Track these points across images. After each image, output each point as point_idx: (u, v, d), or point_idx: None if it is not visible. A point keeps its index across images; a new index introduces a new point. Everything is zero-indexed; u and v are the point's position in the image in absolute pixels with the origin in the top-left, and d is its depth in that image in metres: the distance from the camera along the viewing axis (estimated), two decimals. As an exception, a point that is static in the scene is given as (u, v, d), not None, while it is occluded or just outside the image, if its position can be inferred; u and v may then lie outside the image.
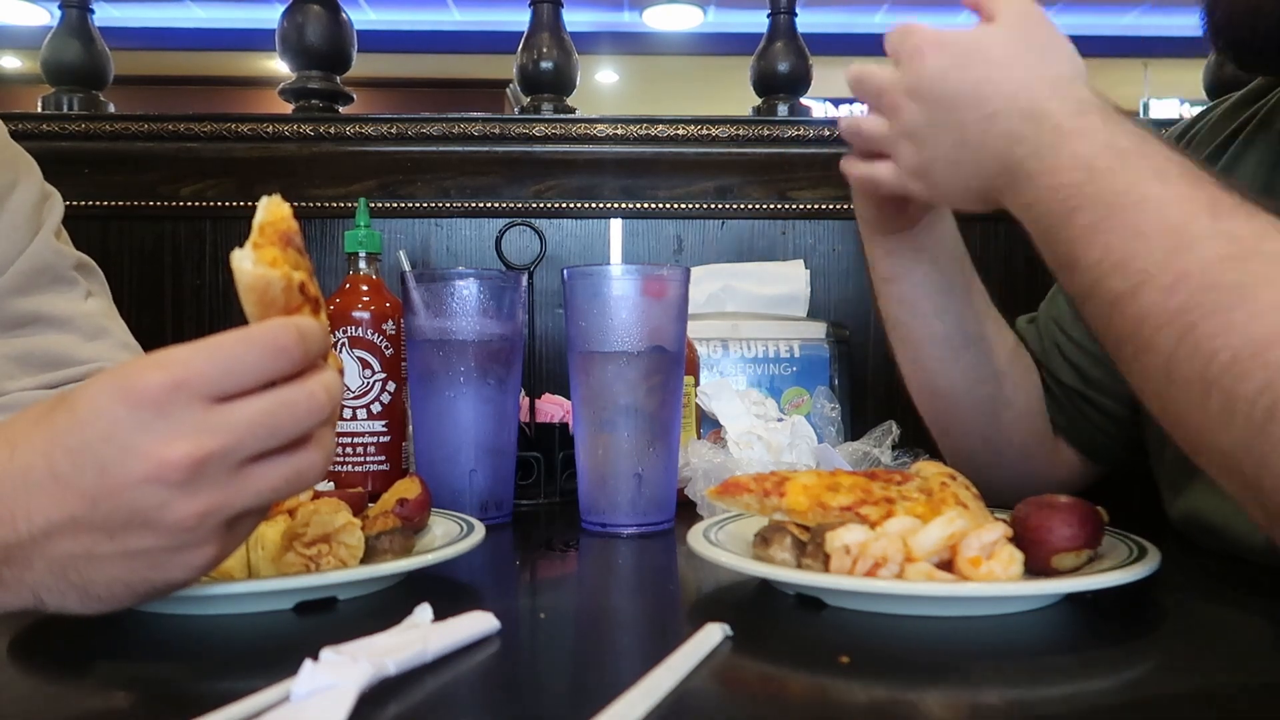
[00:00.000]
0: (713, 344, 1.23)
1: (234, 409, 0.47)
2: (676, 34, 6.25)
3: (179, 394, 0.46)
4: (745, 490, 0.64)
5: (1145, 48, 6.55)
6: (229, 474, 0.48)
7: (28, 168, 0.93)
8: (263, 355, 0.48)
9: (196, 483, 0.47)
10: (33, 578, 0.48)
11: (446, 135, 1.42)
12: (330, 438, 0.52)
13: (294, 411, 0.49)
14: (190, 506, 0.47)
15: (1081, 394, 0.95)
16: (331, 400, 0.50)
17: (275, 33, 1.46)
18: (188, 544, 0.48)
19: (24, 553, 0.48)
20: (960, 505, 0.61)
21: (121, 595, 0.50)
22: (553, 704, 0.48)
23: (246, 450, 0.48)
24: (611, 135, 1.43)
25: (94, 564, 0.48)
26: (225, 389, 0.47)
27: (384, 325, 0.99)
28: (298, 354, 0.49)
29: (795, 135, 1.43)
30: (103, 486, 0.46)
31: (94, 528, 0.47)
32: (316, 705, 0.42)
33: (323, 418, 0.50)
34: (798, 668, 0.53)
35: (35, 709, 0.48)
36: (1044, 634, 0.56)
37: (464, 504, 0.88)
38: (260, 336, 0.48)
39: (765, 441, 0.98)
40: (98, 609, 0.50)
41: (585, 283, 0.86)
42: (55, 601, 0.49)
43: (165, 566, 0.49)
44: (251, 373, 0.48)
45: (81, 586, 0.49)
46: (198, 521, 0.47)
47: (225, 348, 0.48)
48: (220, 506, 0.48)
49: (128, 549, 0.48)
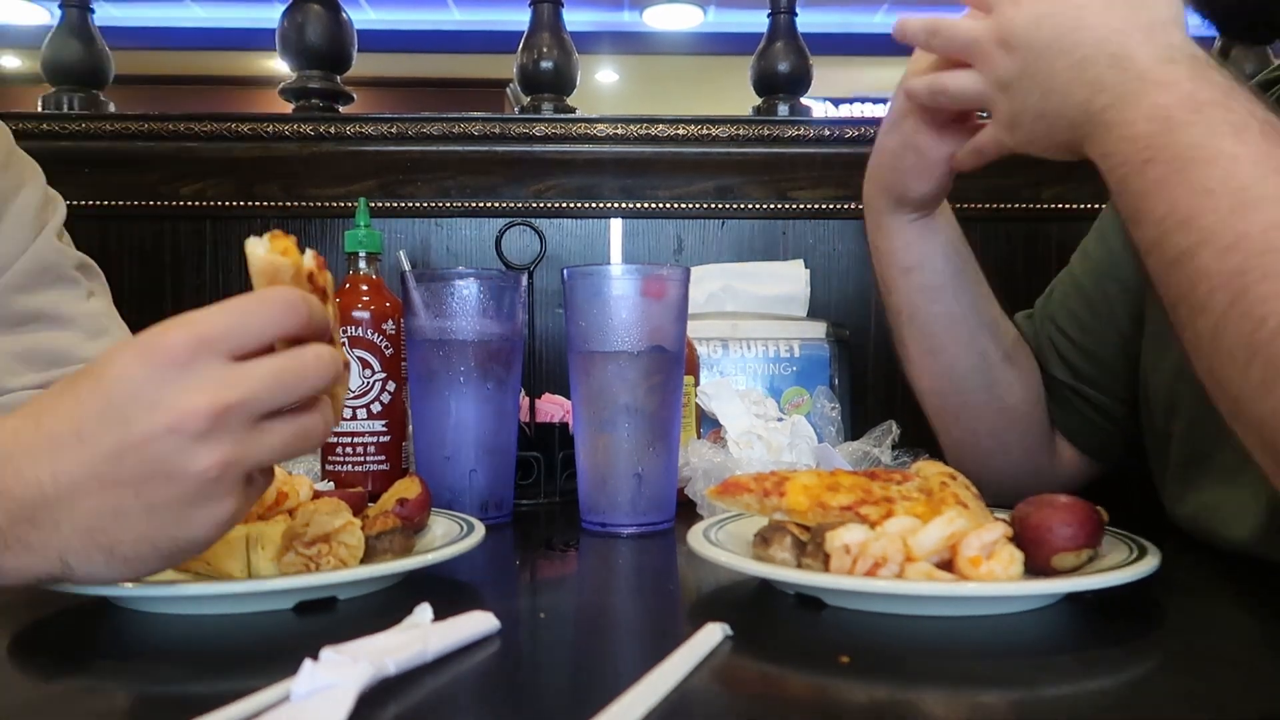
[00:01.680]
0: (713, 344, 1.23)
1: (252, 365, 0.50)
2: (676, 34, 6.25)
3: (201, 350, 0.49)
4: (745, 490, 0.64)
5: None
6: (245, 427, 0.50)
7: (33, 172, 0.95)
8: (274, 311, 0.51)
9: (216, 433, 0.49)
10: (59, 541, 0.50)
11: (446, 135, 1.42)
12: (330, 409, 0.55)
13: (304, 370, 0.51)
14: (211, 456, 0.49)
15: (1075, 390, 0.95)
16: (335, 365, 0.53)
17: (275, 32, 1.46)
18: (209, 497, 0.50)
19: (50, 514, 0.49)
20: (960, 505, 0.61)
21: (148, 555, 0.51)
22: (553, 704, 0.48)
23: (263, 404, 0.50)
24: (611, 135, 1.43)
25: (120, 521, 0.49)
26: (243, 345, 0.50)
27: (384, 325, 0.99)
28: (304, 312, 0.52)
29: (795, 135, 1.43)
30: (126, 441, 0.48)
31: (119, 483, 0.49)
32: (316, 705, 0.42)
33: (329, 378, 0.53)
34: (798, 668, 0.53)
35: (35, 709, 0.48)
36: (1044, 634, 0.56)
37: (464, 504, 0.88)
38: (271, 294, 0.52)
39: (765, 441, 0.98)
40: (124, 573, 0.51)
41: (585, 282, 0.86)
42: (82, 566, 0.50)
43: (189, 522, 0.50)
44: (266, 328, 0.51)
45: (108, 547, 0.50)
46: (219, 472, 0.49)
47: (240, 305, 0.51)
48: (239, 458, 0.50)
49: (152, 503, 0.49)
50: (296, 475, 0.67)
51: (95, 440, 0.49)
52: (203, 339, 0.49)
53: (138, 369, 0.49)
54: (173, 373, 0.49)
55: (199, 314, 0.50)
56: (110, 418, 0.49)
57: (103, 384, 0.49)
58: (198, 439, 0.48)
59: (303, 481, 0.67)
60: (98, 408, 0.49)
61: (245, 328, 0.50)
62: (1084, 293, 0.96)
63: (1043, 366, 0.96)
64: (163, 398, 0.48)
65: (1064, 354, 0.96)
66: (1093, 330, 0.95)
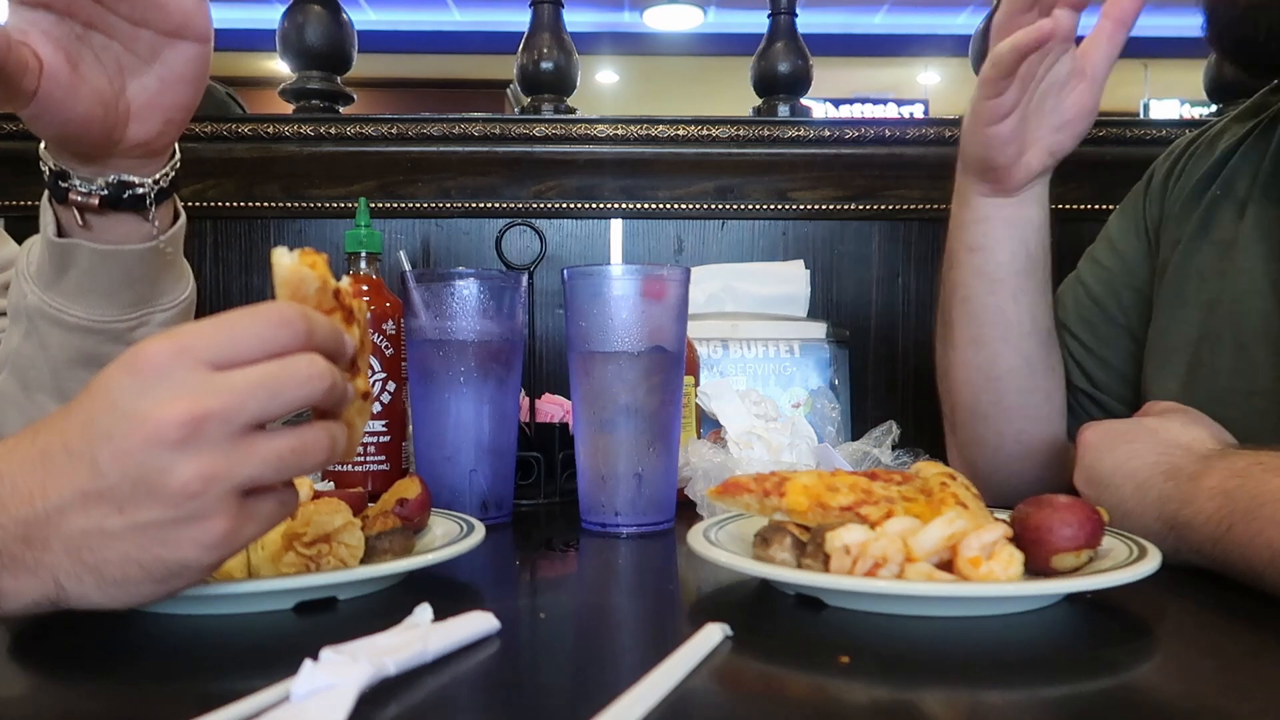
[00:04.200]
0: (713, 344, 1.23)
1: (234, 373, 0.48)
2: (677, 34, 6.25)
3: (180, 359, 0.48)
4: (745, 490, 0.64)
5: (1145, 48, 6.54)
6: (230, 439, 0.48)
7: None
8: (264, 325, 0.49)
9: (195, 443, 0.47)
10: (52, 560, 0.49)
11: (446, 135, 1.42)
12: (344, 432, 0.53)
13: (295, 376, 0.49)
14: (190, 469, 0.47)
15: (1090, 395, 0.96)
16: (332, 377, 0.50)
17: (275, 33, 1.46)
18: (194, 515, 0.48)
19: (41, 531, 0.48)
20: (960, 505, 0.61)
21: (136, 578, 0.49)
22: (553, 704, 0.48)
23: (247, 413, 0.48)
24: (612, 135, 1.43)
25: (105, 541, 0.48)
26: (227, 356, 0.48)
27: (384, 325, 0.99)
28: (301, 328, 0.49)
29: (795, 135, 1.43)
30: (108, 454, 0.47)
31: (102, 499, 0.48)
32: (316, 705, 0.42)
33: (323, 389, 0.50)
34: (798, 668, 0.53)
35: (35, 709, 0.48)
36: (1044, 634, 0.56)
37: (464, 504, 0.88)
38: (265, 310, 0.50)
39: (765, 441, 0.98)
40: (116, 598, 0.50)
41: (585, 283, 0.86)
42: (75, 588, 0.49)
43: (175, 542, 0.48)
44: (253, 341, 0.49)
45: (96, 568, 0.49)
46: (201, 486, 0.47)
47: (229, 319, 0.49)
48: (222, 472, 0.48)
49: (136, 522, 0.48)
50: (296, 475, 0.67)
51: (80, 455, 0.48)
52: (184, 348, 0.48)
53: (118, 380, 0.48)
54: (149, 381, 0.47)
55: (188, 325, 0.50)
56: (92, 431, 0.48)
57: (87, 397, 0.49)
58: (175, 449, 0.47)
59: (303, 481, 0.67)
60: (82, 421, 0.48)
61: (231, 339, 0.49)
62: (1098, 301, 0.98)
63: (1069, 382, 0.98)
64: (138, 406, 0.47)
65: (1080, 361, 0.97)
66: (1108, 339, 0.97)
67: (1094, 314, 0.98)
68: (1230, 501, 0.63)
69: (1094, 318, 0.98)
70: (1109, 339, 0.97)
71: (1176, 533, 0.66)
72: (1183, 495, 0.67)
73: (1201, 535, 0.65)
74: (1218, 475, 0.66)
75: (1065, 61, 0.84)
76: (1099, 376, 0.96)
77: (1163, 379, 0.88)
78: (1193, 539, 0.65)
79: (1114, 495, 0.71)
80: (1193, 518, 0.66)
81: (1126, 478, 0.72)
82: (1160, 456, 0.71)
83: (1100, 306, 0.98)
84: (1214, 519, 0.64)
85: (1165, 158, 1.00)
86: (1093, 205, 1.42)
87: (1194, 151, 0.96)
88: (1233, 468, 0.65)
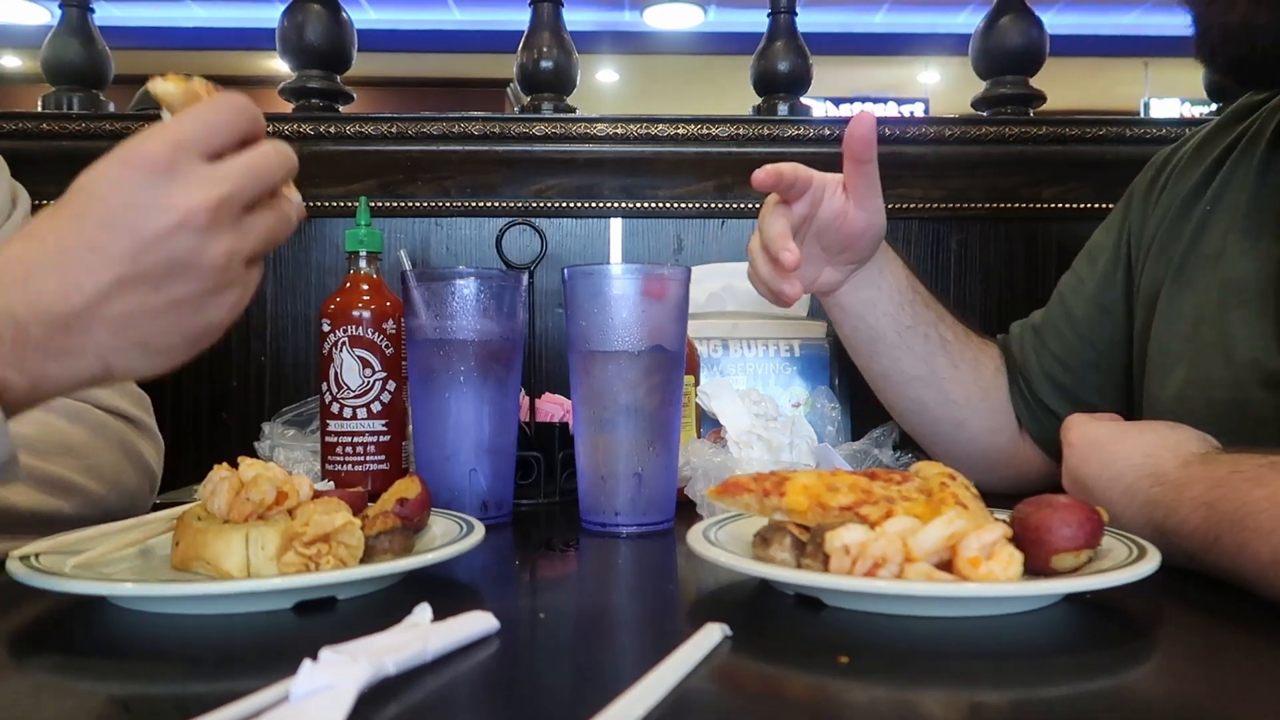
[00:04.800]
0: (713, 343, 1.23)
1: (227, 162, 0.56)
2: (677, 33, 6.25)
3: (180, 154, 0.54)
4: (745, 490, 0.64)
5: (1145, 47, 6.55)
6: (237, 218, 0.56)
7: None
8: (234, 114, 0.57)
9: (217, 226, 0.55)
10: (96, 342, 0.54)
11: (446, 135, 1.42)
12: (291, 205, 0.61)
13: (270, 161, 0.58)
14: (219, 246, 0.55)
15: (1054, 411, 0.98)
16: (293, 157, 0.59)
17: (275, 32, 1.45)
18: (222, 284, 0.56)
19: (82, 321, 0.53)
20: (960, 505, 0.61)
21: (177, 345, 0.56)
22: (553, 704, 0.48)
23: (246, 195, 0.56)
24: (611, 135, 1.43)
25: (147, 317, 0.55)
26: (215, 145, 0.56)
27: (384, 324, 0.99)
28: (257, 113, 0.58)
29: (795, 135, 1.43)
30: (139, 244, 0.53)
31: (140, 282, 0.54)
32: (316, 705, 0.42)
33: (291, 167, 0.59)
34: (797, 668, 0.53)
35: (35, 709, 0.48)
36: (1044, 634, 0.56)
37: (464, 504, 0.88)
38: (224, 99, 0.58)
39: (765, 441, 0.98)
40: (158, 365, 0.57)
41: (585, 282, 0.86)
42: (121, 363, 0.55)
43: (208, 309, 0.56)
44: (230, 126, 0.56)
45: (141, 342, 0.55)
46: (226, 260, 0.55)
47: (203, 111, 0.57)
48: (239, 246, 0.56)
49: (174, 297, 0.55)
50: (296, 475, 0.67)
51: (107, 249, 0.53)
52: (179, 144, 0.54)
53: (127, 178, 0.54)
54: (162, 177, 0.54)
55: (168, 122, 0.56)
56: (116, 225, 0.53)
57: (96, 197, 0.54)
58: (204, 232, 0.54)
59: (303, 481, 0.67)
60: (101, 216, 0.53)
61: (214, 129, 0.56)
62: (1070, 315, 1.02)
63: (1030, 387, 1.02)
64: (159, 199, 0.53)
65: (1051, 374, 1.01)
66: (1076, 352, 1.01)
67: (1066, 327, 1.02)
68: (1214, 513, 0.64)
69: (1066, 331, 1.02)
70: (1077, 353, 1.01)
71: (1165, 538, 0.67)
72: (1168, 503, 0.68)
73: (1190, 545, 0.65)
74: (1199, 486, 0.66)
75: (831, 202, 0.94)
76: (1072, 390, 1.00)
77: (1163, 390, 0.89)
78: (1182, 546, 0.66)
79: (1101, 498, 0.72)
80: (1179, 527, 0.66)
81: (1113, 480, 0.73)
82: (1146, 459, 0.71)
83: (1071, 320, 1.02)
84: (1199, 530, 0.64)
85: (1144, 173, 1.02)
86: (1093, 205, 1.42)
87: (1178, 163, 0.97)
88: (1213, 477, 0.66)
